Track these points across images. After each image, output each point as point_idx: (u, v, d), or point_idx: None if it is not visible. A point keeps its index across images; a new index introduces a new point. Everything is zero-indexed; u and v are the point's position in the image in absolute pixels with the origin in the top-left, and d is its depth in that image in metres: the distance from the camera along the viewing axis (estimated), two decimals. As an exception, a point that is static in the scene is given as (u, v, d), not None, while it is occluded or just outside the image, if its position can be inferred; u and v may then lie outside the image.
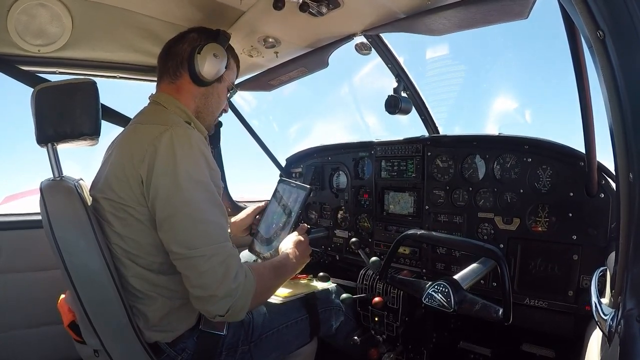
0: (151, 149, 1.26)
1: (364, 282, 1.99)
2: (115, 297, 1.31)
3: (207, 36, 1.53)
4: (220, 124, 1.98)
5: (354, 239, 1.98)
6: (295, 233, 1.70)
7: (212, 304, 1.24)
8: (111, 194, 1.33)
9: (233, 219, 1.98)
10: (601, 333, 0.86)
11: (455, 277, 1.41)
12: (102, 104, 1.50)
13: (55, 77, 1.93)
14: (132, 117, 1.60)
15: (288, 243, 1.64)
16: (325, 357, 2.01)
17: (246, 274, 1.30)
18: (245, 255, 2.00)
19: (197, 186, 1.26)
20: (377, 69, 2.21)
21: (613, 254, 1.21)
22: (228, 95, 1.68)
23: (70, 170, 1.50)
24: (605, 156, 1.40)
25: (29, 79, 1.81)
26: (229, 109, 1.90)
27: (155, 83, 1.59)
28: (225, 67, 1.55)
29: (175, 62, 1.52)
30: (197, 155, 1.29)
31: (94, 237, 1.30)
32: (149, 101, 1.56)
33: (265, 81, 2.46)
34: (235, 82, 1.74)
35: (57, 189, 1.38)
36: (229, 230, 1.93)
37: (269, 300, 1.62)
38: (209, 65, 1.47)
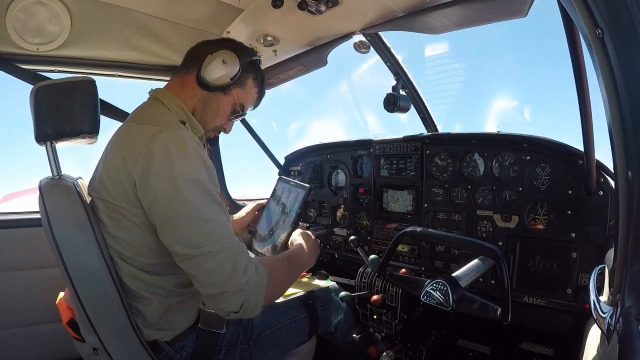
0: (144, 151, 1.24)
1: (363, 279, 1.99)
2: (114, 295, 1.31)
3: (233, 46, 1.52)
4: (214, 140, 1.88)
5: (352, 237, 1.98)
6: (299, 230, 1.71)
7: (225, 301, 1.23)
8: (105, 195, 1.33)
9: (234, 216, 1.99)
10: (600, 331, 0.86)
11: (454, 275, 1.41)
12: (101, 99, 1.50)
13: (54, 75, 1.92)
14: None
15: (297, 237, 1.66)
16: (324, 355, 2.02)
17: (257, 267, 1.29)
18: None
19: (195, 186, 1.25)
20: (376, 67, 2.21)
21: (612, 252, 1.22)
22: (233, 116, 1.60)
23: (69, 169, 1.50)
24: (604, 154, 1.40)
25: (28, 78, 1.81)
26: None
27: (154, 81, 1.58)
28: (236, 81, 1.51)
29: (193, 58, 1.52)
30: (193, 156, 1.27)
31: (92, 235, 1.30)
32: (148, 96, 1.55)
33: (264, 79, 2.46)
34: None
35: (56, 188, 1.38)
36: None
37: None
38: (212, 67, 1.45)
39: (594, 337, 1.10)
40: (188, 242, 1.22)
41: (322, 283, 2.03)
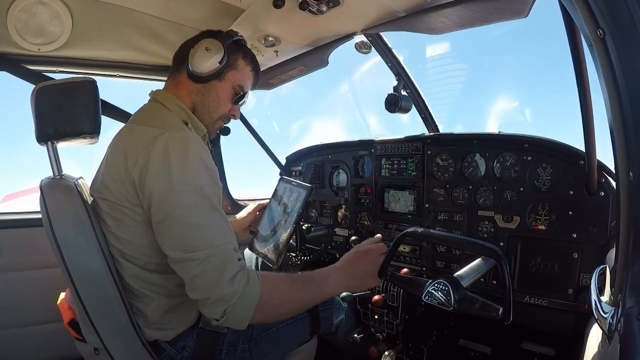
0: (145, 152, 1.24)
1: (364, 280, 1.99)
2: (115, 295, 1.31)
3: (212, 33, 1.53)
4: (226, 131, 1.82)
5: (354, 237, 1.98)
6: (365, 242, 1.56)
7: (206, 307, 1.22)
8: (107, 194, 1.33)
9: (236, 217, 1.99)
10: (601, 331, 0.86)
11: (455, 275, 1.41)
12: (103, 100, 1.50)
13: (55, 75, 1.93)
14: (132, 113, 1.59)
15: (345, 255, 1.51)
16: (325, 355, 2.02)
17: (249, 280, 1.26)
18: (246, 254, 2.00)
19: (192, 190, 1.24)
20: (377, 68, 2.21)
21: (613, 252, 1.21)
22: (235, 99, 1.59)
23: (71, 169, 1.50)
24: (605, 155, 1.40)
25: (29, 78, 1.81)
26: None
27: (155, 82, 1.59)
28: (226, 64, 1.50)
29: (179, 58, 1.54)
30: (193, 159, 1.27)
31: (93, 235, 1.30)
32: (149, 97, 1.55)
33: (264, 80, 2.45)
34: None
35: (57, 188, 1.38)
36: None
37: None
38: (198, 58, 1.45)
39: (595, 337, 1.10)
40: (178, 245, 1.23)
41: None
